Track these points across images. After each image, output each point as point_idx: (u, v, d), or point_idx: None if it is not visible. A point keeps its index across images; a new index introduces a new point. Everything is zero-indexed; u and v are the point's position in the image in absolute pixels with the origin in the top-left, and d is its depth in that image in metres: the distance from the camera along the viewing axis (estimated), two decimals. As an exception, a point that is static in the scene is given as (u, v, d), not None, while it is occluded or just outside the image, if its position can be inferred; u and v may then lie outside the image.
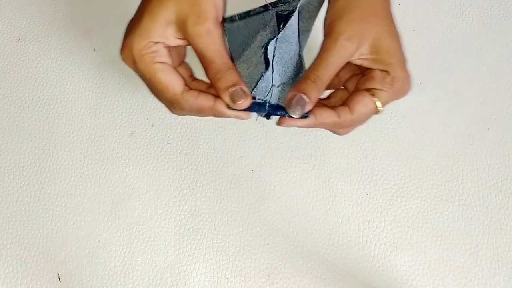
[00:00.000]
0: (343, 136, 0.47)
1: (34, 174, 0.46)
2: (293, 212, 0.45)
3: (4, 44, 0.51)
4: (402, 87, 0.37)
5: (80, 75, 0.50)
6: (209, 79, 0.37)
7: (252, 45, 0.41)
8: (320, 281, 0.43)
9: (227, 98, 0.36)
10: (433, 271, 0.43)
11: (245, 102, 0.35)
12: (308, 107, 0.35)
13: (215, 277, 0.43)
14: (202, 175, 0.46)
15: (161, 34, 0.35)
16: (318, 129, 0.47)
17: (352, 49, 0.36)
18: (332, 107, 0.37)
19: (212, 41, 0.35)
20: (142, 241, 0.44)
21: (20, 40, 0.51)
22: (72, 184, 0.46)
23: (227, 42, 0.39)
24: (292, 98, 0.35)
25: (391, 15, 0.39)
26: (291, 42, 0.40)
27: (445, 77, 0.50)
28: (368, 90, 0.37)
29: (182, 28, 0.35)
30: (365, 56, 0.37)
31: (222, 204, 0.45)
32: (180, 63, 0.39)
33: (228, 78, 0.36)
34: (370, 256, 0.43)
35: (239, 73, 0.36)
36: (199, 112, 0.37)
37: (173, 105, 0.37)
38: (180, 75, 0.37)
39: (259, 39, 0.41)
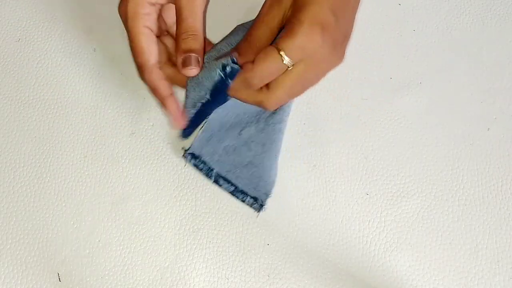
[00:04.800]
0: (343, 136, 0.47)
1: (34, 174, 0.46)
2: (293, 212, 0.45)
3: (4, 44, 0.51)
4: (308, 38, 0.34)
5: (80, 75, 0.50)
6: (176, 35, 0.39)
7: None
8: (320, 281, 0.43)
9: (180, 60, 0.38)
10: (433, 271, 0.43)
11: (194, 70, 0.38)
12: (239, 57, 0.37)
13: (215, 277, 0.43)
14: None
15: None
16: (318, 129, 0.47)
17: (276, 9, 0.36)
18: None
19: (192, 3, 0.38)
20: (142, 241, 0.44)
21: (20, 40, 0.51)
22: (72, 184, 0.46)
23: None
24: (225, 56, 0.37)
25: None
26: None
27: (445, 77, 0.50)
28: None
29: None
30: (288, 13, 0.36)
31: (222, 204, 0.45)
32: (163, 33, 0.42)
33: (190, 42, 0.38)
34: (370, 256, 0.43)
35: (204, 40, 0.39)
36: (153, 91, 0.40)
37: (139, 70, 0.40)
38: (162, 47, 0.40)
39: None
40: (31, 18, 0.52)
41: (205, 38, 0.40)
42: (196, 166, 0.44)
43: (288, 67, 0.36)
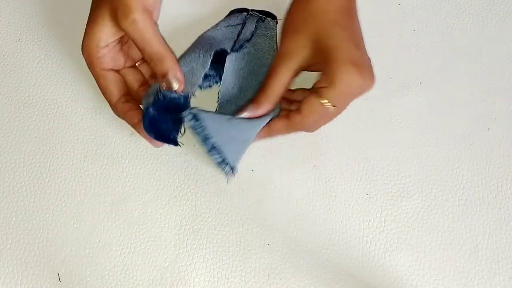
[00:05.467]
0: (343, 136, 0.47)
1: (34, 174, 0.46)
2: (293, 212, 0.45)
3: (4, 44, 0.51)
4: (349, 82, 0.37)
5: (80, 75, 0.50)
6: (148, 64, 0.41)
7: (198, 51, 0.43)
8: (320, 281, 0.43)
9: (163, 85, 0.39)
10: (433, 271, 0.43)
11: (180, 87, 0.39)
12: (258, 112, 0.40)
13: (215, 277, 0.43)
14: (202, 175, 0.46)
15: (104, 36, 0.40)
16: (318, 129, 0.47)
17: (295, 57, 0.39)
18: (286, 115, 0.40)
19: (139, 30, 0.38)
20: (142, 241, 0.44)
21: (20, 40, 0.51)
22: (72, 184, 0.46)
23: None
24: (245, 110, 0.40)
25: (341, 11, 0.39)
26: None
27: (445, 77, 0.50)
28: (314, 91, 0.38)
29: (116, 23, 0.39)
30: (309, 61, 0.39)
31: (222, 204, 0.45)
32: (136, 61, 0.43)
33: (159, 67, 0.39)
34: (370, 256, 0.43)
35: (173, 58, 0.39)
36: (127, 122, 0.42)
37: (110, 106, 0.42)
38: (122, 83, 0.42)
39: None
40: (31, 18, 0.52)
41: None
42: (194, 128, 0.41)
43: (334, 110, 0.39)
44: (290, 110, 0.40)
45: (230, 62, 0.43)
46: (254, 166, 0.46)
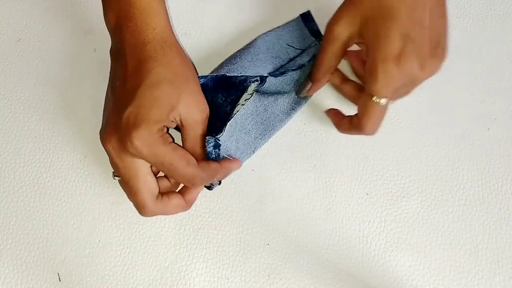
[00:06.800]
0: (343, 136, 0.47)
1: (34, 174, 0.46)
2: (293, 212, 0.45)
3: (4, 44, 0.51)
4: (387, 75, 0.36)
5: (80, 75, 0.50)
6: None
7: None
8: (320, 281, 0.43)
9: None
10: (433, 271, 0.43)
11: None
12: (312, 89, 0.44)
13: (215, 277, 0.43)
14: (202, 175, 0.46)
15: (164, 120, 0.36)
16: (318, 129, 0.47)
17: (340, 32, 0.38)
18: (350, 117, 0.42)
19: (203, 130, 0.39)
20: (142, 241, 0.44)
21: (20, 40, 0.51)
22: (72, 184, 0.46)
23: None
24: (304, 87, 0.44)
25: None
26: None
27: (445, 77, 0.50)
28: (364, 89, 0.39)
29: (188, 115, 0.37)
30: (356, 38, 0.39)
31: (222, 204, 0.45)
32: None
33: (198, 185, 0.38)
34: (370, 256, 0.43)
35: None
36: (171, 212, 0.39)
37: (144, 208, 0.37)
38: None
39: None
40: (31, 18, 0.52)
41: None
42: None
43: (388, 102, 0.39)
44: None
45: (268, 82, 0.44)
46: (254, 166, 0.46)
